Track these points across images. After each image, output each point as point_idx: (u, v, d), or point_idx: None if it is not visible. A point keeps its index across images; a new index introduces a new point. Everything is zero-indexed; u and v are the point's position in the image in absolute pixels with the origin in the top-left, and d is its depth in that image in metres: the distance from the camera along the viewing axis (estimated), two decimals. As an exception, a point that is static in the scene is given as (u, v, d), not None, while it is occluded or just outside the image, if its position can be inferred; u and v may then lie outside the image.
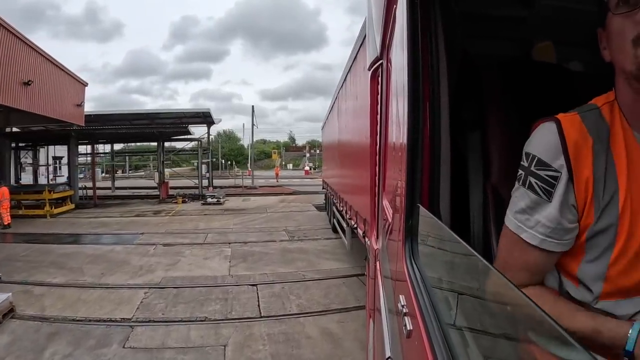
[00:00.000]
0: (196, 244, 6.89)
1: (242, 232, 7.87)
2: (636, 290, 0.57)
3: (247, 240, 7.15)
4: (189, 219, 9.77)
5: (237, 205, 12.45)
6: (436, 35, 0.78)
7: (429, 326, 0.52)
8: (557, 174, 0.60)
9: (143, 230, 8.22)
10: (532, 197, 0.62)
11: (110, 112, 15.88)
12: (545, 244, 0.61)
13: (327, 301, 4.09)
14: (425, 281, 0.62)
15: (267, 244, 6.80)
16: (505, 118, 0.95)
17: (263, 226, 8.57)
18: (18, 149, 13.03)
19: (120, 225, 8.87)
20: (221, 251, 6.34)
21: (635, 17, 0.54)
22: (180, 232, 8.02)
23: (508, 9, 1.26)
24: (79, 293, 4.56)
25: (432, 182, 0.73)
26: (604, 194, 0.59)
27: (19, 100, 7.99)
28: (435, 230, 0.68)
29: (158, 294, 4.45)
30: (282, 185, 20.46)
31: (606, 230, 0.58)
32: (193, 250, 6.41)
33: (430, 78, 0.75)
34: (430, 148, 0.74)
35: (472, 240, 0.92)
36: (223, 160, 34.87)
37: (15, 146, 12.81)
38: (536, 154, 0.62)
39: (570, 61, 1.22)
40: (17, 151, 12.91)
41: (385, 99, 1.24)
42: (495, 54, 1.31)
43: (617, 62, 0.59)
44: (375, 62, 1.46)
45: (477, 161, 0.99)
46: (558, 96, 0.80)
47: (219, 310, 3.92)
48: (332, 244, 6.73)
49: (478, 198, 0.94)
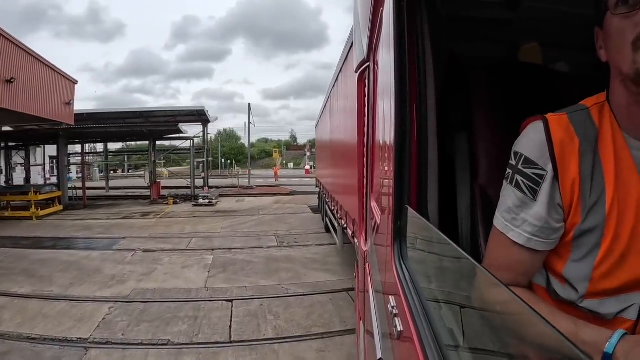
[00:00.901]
0: (177, 251, 6.46)
1: (229, 237, 7.41)
2: (620, 290, 0.57)
3: (232, 246, 6.70)
4: (177, 221, 9.34)
5: (230, 206, 11.98)
6: (423, 37, 0.77)
7: (419, 327, 0.53)
8: (543, 172, 0.60)
9: (126, 234, 7.82)
10: (519, 195, 0.62)
11: (104, 110, 15.63)
12: (531, 243, 0.61)
13: (309, 323, 3.60)
14: (415, 282, 0.63)
15: (253, 251, 6.33)
16: (492, 119, 0.95)
17: (252, 230, 8.10)
18: (8, 148, 12.77)
19: (104, 229, 8.48)
20: (202, 259, 5.89)
21: (634, 18, 0.53)
22: (164, 236, 7.61)
23: (494, 11, 1.25)
24: (42, 306, 4.17)
25: (420, 183, 0.73)
26: (591, 193, 0.59)
27: (0, 98, 7.67)
28: (424, 232, 0.68)
29: (123, 310, 4.02)
30: (280, 185, 20.01)
31: (593, 230, 0.58)
32: (172, 258, 5.98)
33: (417, 80, 0.74)
34: (418, 149, 0.73)
35: (461, 241, 0.92)
36: (223, 159, 34.61)
37: (5, 146, 12.56)
38: (523, 152, 0.62)
39: (556, 62, 1.21)
40: (7, 151, 12.66)
41: (373, 101, 1.24)
42: (482, 55, 1.31)
43: (613, 63, 0.58)
44: (363, 64, 1.43)
45: (465, 162, 0.98)
46: (544, 97, 0.80)
47: (185, 331, 3.47)
48: (324, 252, 6.25)
49: (466, 199, 0.94)
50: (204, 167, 16.27)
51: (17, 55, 8.21)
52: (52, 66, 9.81)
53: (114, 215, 10.47)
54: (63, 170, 12.10)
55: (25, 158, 13.47)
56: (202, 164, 15.77)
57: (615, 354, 0.49)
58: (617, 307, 0.57)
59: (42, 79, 9.37)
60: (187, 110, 15.01)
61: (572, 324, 0.54)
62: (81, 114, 15.12)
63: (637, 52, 0.52)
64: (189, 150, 16.50)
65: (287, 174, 29.41)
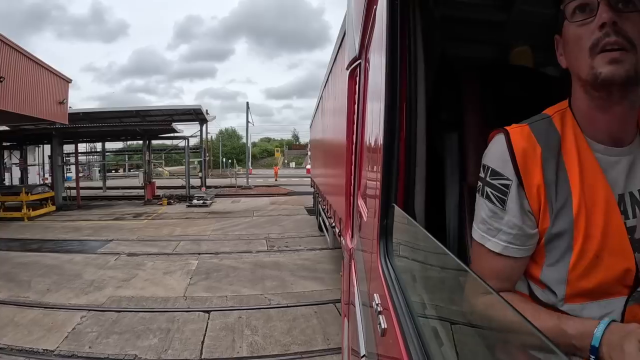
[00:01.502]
0: (162, 255, 6.24)
1: (218, 241, 7.17)
2: (599, 292, 0.57)
3: (220, 250, 6.46)
4: (168, 223, 9.13)
5: (224, 207, 11.72)
6: (415, 36, 0.77)
7: (403, 324, 0.53)
8: (508, 181, 0.62)
9: (114, 236, 7.64)
10: (490, 206, 0.64)
11: (99, 110, 15.49)
12: (508, 250, 0.62)
13: (289, 340, 3.33)
14: (400, 280, 0.64)
15: (241, 256, 6.08)
16: (482, 120, 0.94)
17: (243, 233, 7.85)
18: (2, 148, 12.68)
19: (93, 231, 8.31)
20: (186, 264, 5.66)
21: (590, 26, 0.55)
22: (152, 239, 7.40)
23: (487, 13, 1.25)
24: (15, 313, 3.99)
25: (407, 182, 0.73)
26: (557, 198, 0.60)
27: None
28: (409, 230, 0.69)
29: (95, 319, 3.80)
30: (279, 185, 19.76)
31: (562, 234, 0.59)
32: (156, 263, 5.76)
33: (407, 79, 0.74)
34: (406, 148, 0.73)
35: (448, 240, 0.91)
36: (224, 158, 34.49)
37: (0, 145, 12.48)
38: (489, 164, 0.65)
39: (546, 65, 1.19)
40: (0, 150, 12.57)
41: (363, 99, 1.24)
42: (473, 57, 1.33)
43: (573, 69, 0.60)
44: (354, 61, 1.44)
45: (454, 162, 0.98)
46: (534, 99, 0.79)
47: (154, 346, 3.23)
48: (315, 257, 5.99)
49: (455, 198, 0.94)
50: (202, 167, 16.08)
51: (7, 53, 8.05)
52: (44, 65, 9.64)
53: (106, 216, 10.31)
54: (57, 170, 11.97)
55: (21, 158, 13.39)
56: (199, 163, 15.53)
57: (601, 346, 0.49)
58: (599, 312, 0.57)
59: (33, 78, 9.20)
60: (183, 109, 14.82)
61: (556, 319, 0.55)
62: (77, 114, 15.04)
63: (593, 58, 0.54)
64: (190, 149, 16.45)
65: (288, 174, 29.14)
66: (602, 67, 0.53)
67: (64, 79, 12.09)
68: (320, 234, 6.88)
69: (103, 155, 16.81)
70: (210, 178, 25.95)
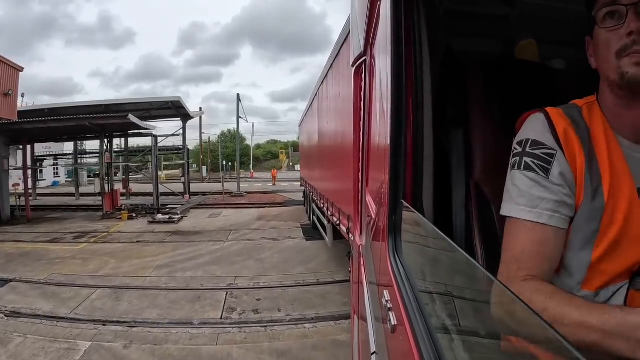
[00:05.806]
0: (51, 319, 3.77)
1: (152, 292, 4.59)
2: (612, 278, 0.59)
3: (141, 316, 3.90)
4: (106, 250, 6.65)
5: (195, 224, 9.09)
6: (420, 32, 0.79)
7: (413, 321, 0.53)
8: (552, 151, 0.63)
9: (20, 273, 5.32)
10: (531, 175, 0.63)
11: (66, 104, 13.38)
12: (553, 219, 0.61)
13: None
14: (409, 276, 0.64)
15: (167, 337, 3.43)
16: (488, 115, 0.97)
17: (198, 275, 5.27)
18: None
19: (5, 261, 6.01)
20: (68, 351, 3.13)
21: (619, 32, 0.59)
22: (63, 282, 4.97)
23: (492, 7, 1.27)
24: None
25: (415, 178, 0.75)
26: (593, 178, 0.61)
27: None
28: (418, 226, 0.69)
29: None
30: (276, 191, 17.18)
31: (592, 218, 0.60)
32: (26, 341, 3.28)
33: (413, 75, 0.76)
34: (414, 144, 0.75)
35: (455, 235, 0.92)
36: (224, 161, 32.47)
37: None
38: (530, 137, 0.65)
39: (552, 59, 1.21)
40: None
41: (369, 96, 1.28)
42: (479, 51, 1.35)
43: (602, 70, 0.64)
44: (359, 58, 1.48)
45: (460, 158, 0.99)
46: (540, 94, 0.81)
47: None
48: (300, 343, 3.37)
49: (461, 194, 0.95)
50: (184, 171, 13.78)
51: None
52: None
53: (45, 235, 8.02)
54: (2, 176, 9.85)
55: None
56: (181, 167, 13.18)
57: None
58: (604, 298, 0.59)
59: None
60: (160, 102, 12.55)
61: (619, 312, 0.51)
62: (41, 110, 13.00)
63: (620, 60, 0.60)
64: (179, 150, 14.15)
65: (291, 177, 26.60)
66: (629, 67, 0.58)
67: (11, 66, 10.00)
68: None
69: (75, 158, 14.72)
70: (207, 183, 23.83)
